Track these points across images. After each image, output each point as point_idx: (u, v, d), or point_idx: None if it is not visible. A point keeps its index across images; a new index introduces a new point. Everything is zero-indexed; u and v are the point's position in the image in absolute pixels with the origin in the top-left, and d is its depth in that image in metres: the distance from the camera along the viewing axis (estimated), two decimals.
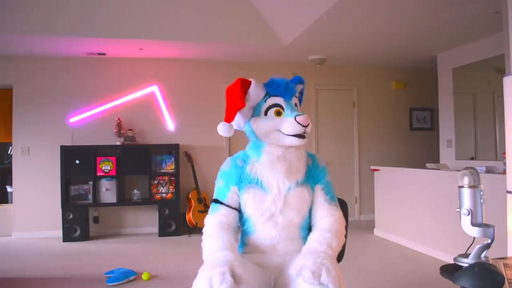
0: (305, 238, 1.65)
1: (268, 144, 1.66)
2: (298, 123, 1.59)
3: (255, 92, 1.65)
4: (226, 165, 1.73)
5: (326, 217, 1.65)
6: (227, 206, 1.67)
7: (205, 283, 1.33)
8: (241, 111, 1.65)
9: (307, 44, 5.01)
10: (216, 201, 1.70)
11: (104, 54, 5.29)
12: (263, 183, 1.64)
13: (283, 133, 1.62)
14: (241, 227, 1.74)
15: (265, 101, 1.67)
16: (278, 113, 1.65)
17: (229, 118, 1.66)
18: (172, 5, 4.49)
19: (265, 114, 1.66)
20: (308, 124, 1.61)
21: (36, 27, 4.35)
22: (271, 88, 1.68)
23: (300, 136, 1.62)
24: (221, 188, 1.69)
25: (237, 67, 5.84)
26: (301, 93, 1.82)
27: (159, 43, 4.88)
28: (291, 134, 1.61)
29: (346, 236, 1.70)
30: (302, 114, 1.61)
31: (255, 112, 1.69)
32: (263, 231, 1.65)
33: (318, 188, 1.70)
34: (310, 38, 4.71)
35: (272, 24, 4.78)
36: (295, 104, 1.71)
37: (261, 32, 4.83)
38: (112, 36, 4.55)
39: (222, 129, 1.65)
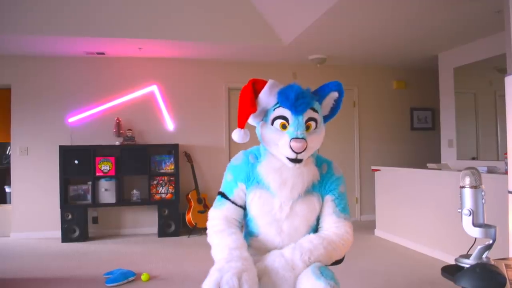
0: None
1: (270, 154, 1.61)
2: (291, 148, 1.49)
3: (265, 99, 1.58)
4: (238, 160, 1.68)
5: (329, 231, 1.60)
6: (233, 202, 1.63)
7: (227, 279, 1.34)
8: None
9: (307, 44, 4.99)
10: (223, 195, 1.66)
11: (103, 53, 5.28)
12: (271, 187, 1.57)
13: (280, 151, 1.55)
14: (244, 228, 1.71)
15: (274, 110, 1.57)
16: (284, 126, 1.54)
17: (241, 124, 1.59)
18: (172, 5, 4.48)
19: (272, 123, 1.56)
20: (303, 151, 1.49)
21: (35, 27, 4.34)
22: (281, 98, 1.55)
23: (292, 160, 1.52)
24: (229, 182, 1.65)
25: (237, 67, 5.82)
26: (336, 101, 1.72)
27: (158, 43, 4.86)
28: (284, 155, 1.54)
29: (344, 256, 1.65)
30: (302, 138, 1.48)
31: (265, 117, 1.61)
32: (267, 236, 1.61)
33: (329, 198, 1.63)
34: (310, 38, 4.70)
35: (272, 24, 4.76)
36: (312, 119, 1.55)
37: (261, 32, 4.81)
38: (111, 35, 4.53)
39: (238, 135, 1.61)
